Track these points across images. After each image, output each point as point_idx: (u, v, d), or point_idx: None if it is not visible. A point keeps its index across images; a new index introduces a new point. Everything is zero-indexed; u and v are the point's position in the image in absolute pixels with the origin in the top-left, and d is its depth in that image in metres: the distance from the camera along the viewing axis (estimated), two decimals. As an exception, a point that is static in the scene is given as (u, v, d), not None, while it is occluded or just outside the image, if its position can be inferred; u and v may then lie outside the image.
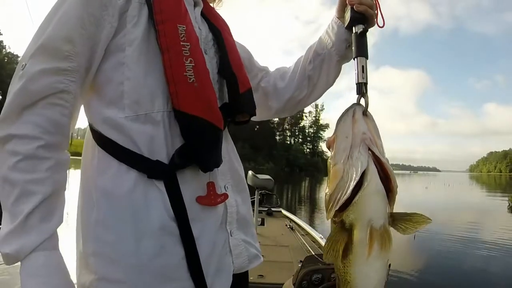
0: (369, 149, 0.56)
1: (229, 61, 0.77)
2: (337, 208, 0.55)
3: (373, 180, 0.54)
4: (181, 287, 0.64)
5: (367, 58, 0.72)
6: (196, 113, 0.64)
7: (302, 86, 0.94)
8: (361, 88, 0.67)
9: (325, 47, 0.89)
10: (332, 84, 0.95)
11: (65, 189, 0.64)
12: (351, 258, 0.55)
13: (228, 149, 0.79)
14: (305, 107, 1.04)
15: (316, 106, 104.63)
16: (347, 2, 0.77)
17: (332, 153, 0.60)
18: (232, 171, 0.78)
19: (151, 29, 0.65)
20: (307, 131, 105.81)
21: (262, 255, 0.84)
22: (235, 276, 0.74)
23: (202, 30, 0.77)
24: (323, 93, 0.97)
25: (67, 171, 0.64)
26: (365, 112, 0.61)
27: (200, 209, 0.67)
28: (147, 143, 0.64)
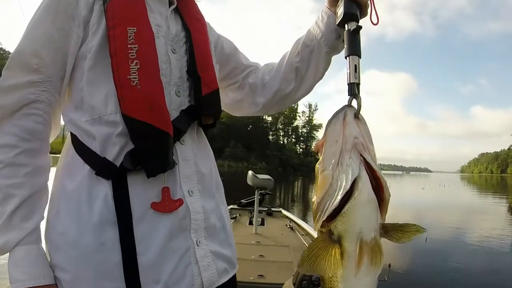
0: (361, 155, 0.52)
1: (194, 61, 0.75)
2: (324, 218, 0.50)
3: (365, 189, 0.50)
4: None
5: (359, 57, 0.67)
6: (138, 116, 0.64)
7: (289, 79, 0.91)
8: (353, 89, 0.63)
9: (314, 38, 0.86)
10: (321, 77, 0.92)
11: (47, 190, 0.68)
12: (339, 273, 0.50)
13: (196, 152, 0.75)
14: (294, 102, 1.00)
15: (310, 106, 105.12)
16: None
17: (321, 158, 0.55)
18: (199, 175, 0.74)
19: (106, 36, 0.67)
20: (300, 131, 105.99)
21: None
22: None
23: (171, 29, 0.76)
24: (313, 86, 0.94)
25: (48, 173, 0.69)
26: (357, 115, 0.57)
27: (151, 213, 0.66)
28: (101, 141, 0.66)
